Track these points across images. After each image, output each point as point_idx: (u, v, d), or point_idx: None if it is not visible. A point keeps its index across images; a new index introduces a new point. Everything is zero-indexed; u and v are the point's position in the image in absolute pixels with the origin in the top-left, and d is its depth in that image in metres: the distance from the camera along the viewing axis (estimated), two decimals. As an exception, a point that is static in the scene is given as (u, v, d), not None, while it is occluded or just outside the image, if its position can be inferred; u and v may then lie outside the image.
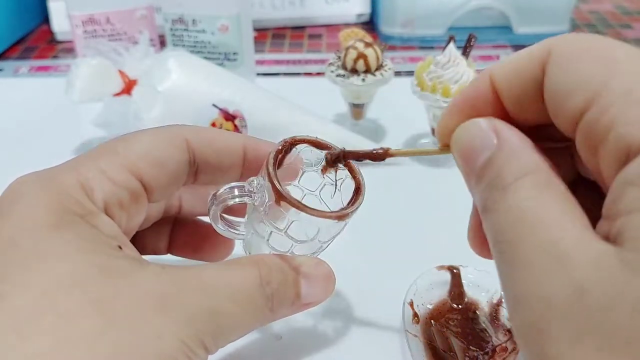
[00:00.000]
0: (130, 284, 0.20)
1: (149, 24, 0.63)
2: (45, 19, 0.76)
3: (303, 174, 0.29)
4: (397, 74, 0.51)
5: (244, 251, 0.29)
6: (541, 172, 0.18)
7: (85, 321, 0.19)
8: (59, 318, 0.19)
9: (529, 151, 0.18)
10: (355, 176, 0.27)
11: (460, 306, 0.33)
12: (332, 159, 0.26)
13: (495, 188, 0.18)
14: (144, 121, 0.45)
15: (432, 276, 0.34)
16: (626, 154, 0.15)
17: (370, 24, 0.79)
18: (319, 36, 0.77)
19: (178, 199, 0.31)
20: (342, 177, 0.28)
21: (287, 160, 0.27)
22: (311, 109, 0.50)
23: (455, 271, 0.34)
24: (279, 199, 0.24)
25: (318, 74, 0.66)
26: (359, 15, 0.79)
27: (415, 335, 0.31)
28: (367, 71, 0.47)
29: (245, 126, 0.47)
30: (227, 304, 0.22)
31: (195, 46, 0.59)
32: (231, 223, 0.28)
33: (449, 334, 0.31)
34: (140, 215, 0.26)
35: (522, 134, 0.19)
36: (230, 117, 0.47)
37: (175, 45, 0.59)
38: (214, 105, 0.47)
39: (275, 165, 0.25)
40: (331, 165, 0.26)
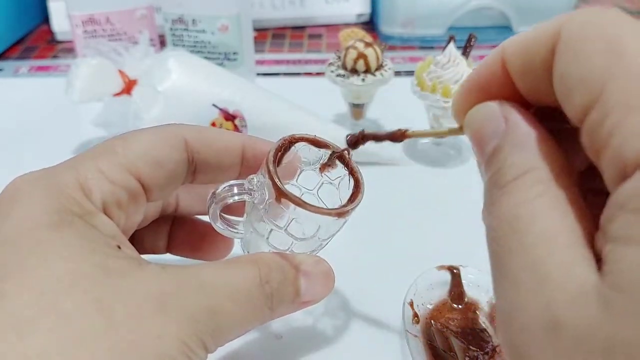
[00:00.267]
0: (130, 284, 0.20)
1: (149, 24, 0.63)
2: (45, 19, 0.76)
3: (301, 172, 0.29)
4: (397, 74, 0.51)
5: (242, 250, 0.29)
6: (542, 167, 0.17)
7: (86, 321, 0.19)
8: (59, 318, 0.19)
9: (534, 143, 0.17)
10: (354, 174, 0.27)
11: (460, 306, 0.33)
12: (352, 140, 0.26)
13: (494, 185, 0.18)
14: (144, 121, 0.45)
15: (432, 276, 0.34)
16: (623, 169, 0.14)
17: (370, 24, 0.79)
18: (319, 36, 0.77)
19: (175, 197, 0.31)
20: (340, 176, 0.28)
21: (285, 159, 0.27)
22: (311, 109, 0.50)
23: (455, 271, 0.34)
24: (280, 196, 0.24)
25: (318, 74, 0.66)
26: (359, 15, 0.79)
27: (415, 335, 0.31)
28: (367, 71, 0.47)
29: (245, 126, 0.47)
30: (227, 303, 0.22)
31: (195, 46, 0.59)
32: (230, 222, 0.28)
33: (449, 334, 0.31)
34: (139, 214, 0.26)
35: (533, 119, 0.18)
36: (230, 117, 0.47)
37: (175, 45, 0.59)
38: (214, 105, 0.47)
39: (275, 162, 0.25)
40: (352, 147, 0.26)
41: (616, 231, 0.14)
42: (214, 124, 0.47)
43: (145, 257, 0.23)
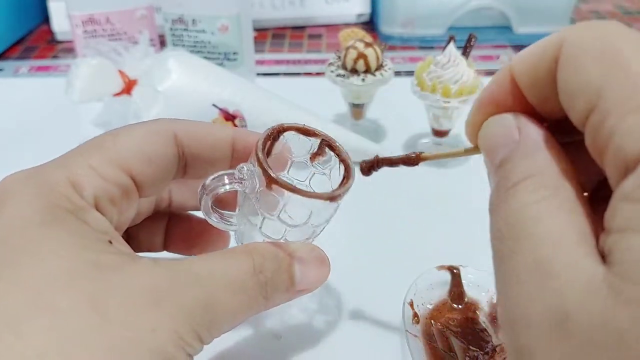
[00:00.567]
0: (122, 279, 0.20)
1: (149, 24, 0.63)
2: (45, 19, 0.76)
3: (292, 164, 0.29)
4: (397, 74, 0.51)
5: (236, 243, 0.29)
6: (549, 174, 0.17)
7: (81, 318, 0.19)
8: (55, 316, 0.19)
9: (543, 151, 0.18)
10: (344, 161, 0.27)
11: (460, 306, 0.33)
12: (367, 166, 0.26)
13: (500, 188, 0.18)
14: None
15: (432, 276, 0.34)
16: (625, 166, 0.15)
17: (370, 24, 0.79)
18: (319, 36, 0.77)
19: (168, 193, 0.31)
20: (330, 165, 0.28)
21: (275, 150, 0.27)
22: (311, 109, 0.50)
23: (455, 271, 0.34)
24: (270, 182, 0.24)
25: (318, 74, 0.66)
26: (359, 15, 0.79)
27: (415, 335, 0.31)
28: (367, 71, 0.47)
29: (245, 126, 0.47)
30: (221, 294, 0.22)
31: (195, 46, 0.59)
32: (224, 215, 0.28)
33: (449, 334, 0.31)
34: (131, 210, 0.26)
35: (545, 131, 0.18)
36: (230, 117, 0.47)
37: (175, 45, 0.59)
38: (214, 105, 0.47)
39: (264, 150, 0.25)
40: (366, 173, 0.26)
41: (620, 222, 0.14)
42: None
43: (141, 254, 0.23)
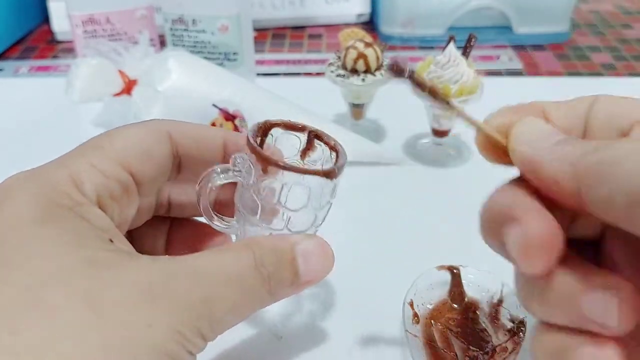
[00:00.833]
0: (118, 275, 0.20)
1: (149, 24, 0.63)
2: (45, 19, 0.76)
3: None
4: (397, 74, 0.51)
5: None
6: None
7: (74, 314, 0.19)
8: (46, 312, 0.18)
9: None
10: (334, 147, 0.27)
11: (460, 306, 0.33)
12: (398, 68, 0.23)
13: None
14: (144, 121, 0.45)
15: (432, 276, 0.34)
16: None
17: (370, 24, 0.79)
18: (319, 36, 0.77)
19: (167, 198, 0.30)
20: (322, 159, 0.28)
21: (265, 151, 0.27)
22: (311, 109, 0.50)
23: (455, 271, 0.34)
24: (265, 163, 0.24)
25: (318, 74, 0.66)
26: (359, 15, 0.79)
27: (415, 335, 0.31)
28: (367, 71, 0.47)
29: (245, 126, 0.47)
30: (221, 289, 0.22)
31: (195, 46, 0.59)
32: (223, 218, 0.28)
33: (449, 334, 0.31)
34: (132, 208, 0.26)
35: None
36: (230, 117, 0.47)
37: (175, 45, 0.59)
38: (214, 105, 0.47)
39: (255, 138, 0.26)
40: (394, 72, 0.23)
41: None
42: (214, 124, 0.47)
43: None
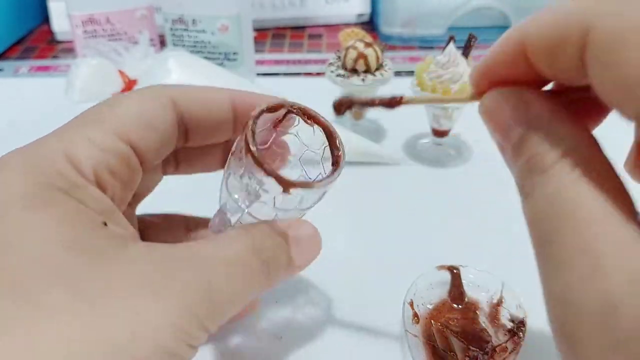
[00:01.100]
0: (114, 269, 0.19)
1: (149, 24, 0.63)
2: (45, 19, 0.76)
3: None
4: (397, 74, 0.51)
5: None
6: (577, 148, 0.16)
7: (68, 314, 0.17)
8: (38, 312, 0.17)
9: (565, 127, 0.17)
10: (337, 153, 0.26)
11: (460, 306, 0.33)
12: (338, 105, 0.24)
13: (532, 171, 0.17)
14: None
15: (432, 276, 0.34)
16: None
17: (370, 24, 0.79)
18: (319, 36, 0.77)
19: (174, 157, 0.29)
20: (324, 145, 0.27)
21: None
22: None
23: (455, 271, 0.34)
24: (286, 187, 0.23)
25: (318, 74, 0.66)
26: (359, 15, 0.79)
27: (415, 335, 0.31)
28: (367, 71, 0.47)
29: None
30: (222, 276, 0.21)
31: (195, 46, 0.59)
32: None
33: (449, 334, 0.31)
34: (134, 182, 0.24)
35: (556, 105, 0.18)
36: (230, 117, 0.47)
37: (175, 45, 0.59)
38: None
39: (253, 151, 0.23)
40: (339, 113, 0.25)
41: None
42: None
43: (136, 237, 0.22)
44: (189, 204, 0.33)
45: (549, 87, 0.20)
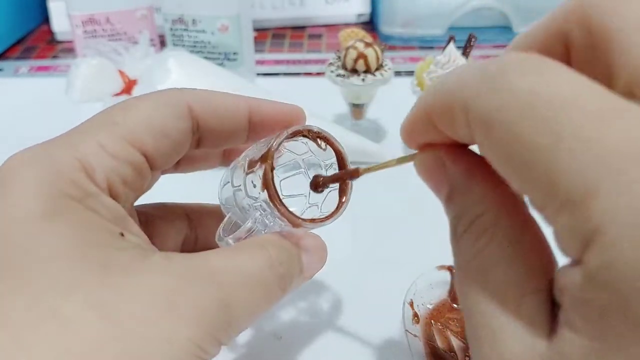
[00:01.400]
0: (134, 282, 0.19)
1: (149, 24, 0.63)
2: (45, 19, 0.76)
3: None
4: (397, 74, 0.51)
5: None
6: (489, 214, 0.16)
7: (88, 328, 0.17)
8: (59, 326, 0.17)
9: (476, 189, 0.17)
10: (344, 196, 0.27)
11: (460, 306, 0.33)
12: (315, 185, 0.26)
13: (453, 236, 0.18)
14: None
15: (432, 276, 0.34)
16: (585, 238, 0.13)
17: (370, 24, 0.79)
18: (319, 36, 0.77)
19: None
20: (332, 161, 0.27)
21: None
22: (311, 109, 0.50)
23: (455, 271, 0.34)
24: (294, 222, 0.24)
25: (318, 74, 0.66)
26: (359, 15, 0.79)
27: (415, 335, 0.31)
28: (367, 71, 0.47)
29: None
30: (240, 290, 0.21)
31: (195, 46, 0.59)
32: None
33: (449, 334, 0.31)
34: (144, 188, 0.24)
35: (472, 164, 0.18)
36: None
37: (175, 45, 0.59)
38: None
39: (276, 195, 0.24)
40: (316, 191, 0.26)
41: (568, 314, 0.14)
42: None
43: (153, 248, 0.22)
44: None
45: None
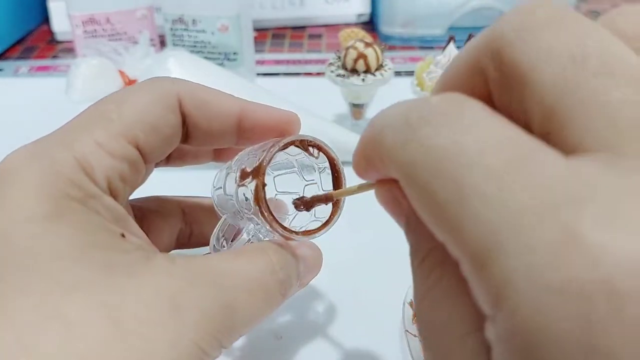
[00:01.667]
0: (138, 284, 0.19)
1: (149, 24, 0.63)
2: (45, 19, 0.76)
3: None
4: (397, 74, 0.51)
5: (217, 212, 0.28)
6: (439, 248, 0.15)
7: (93, 330, 0.17)
8: (63, 327, 0.17)
9: (419, 232, 0.17)
10: (336, 208, 0.27)
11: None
12: (296, 207, 0.26)
13: (411, 267, 0.18)
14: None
15: (432, 276, 0.34)
16: (496, 294, 0.12)
17: (370, 24, 0.79)
18: (319, 36, 0.77)
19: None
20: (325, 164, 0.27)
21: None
22: (311, 109, 0.50)
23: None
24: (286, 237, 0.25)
25: (318, 74, 0.66)
26: (359, 15, 0.79)
27: (415, 335, 0.31)
28: (367, 71, 0.47)
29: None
30: (242, 295, 0.21)
31: (195, 46, 0.59)
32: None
33: (449, 334, 0.31)
34: (139, 184, 0.24)
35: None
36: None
37: (175, 45, 0.59)
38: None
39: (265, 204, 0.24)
40: (297, 209, 0.26)
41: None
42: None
43: (155, 249, 0.22)
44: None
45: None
